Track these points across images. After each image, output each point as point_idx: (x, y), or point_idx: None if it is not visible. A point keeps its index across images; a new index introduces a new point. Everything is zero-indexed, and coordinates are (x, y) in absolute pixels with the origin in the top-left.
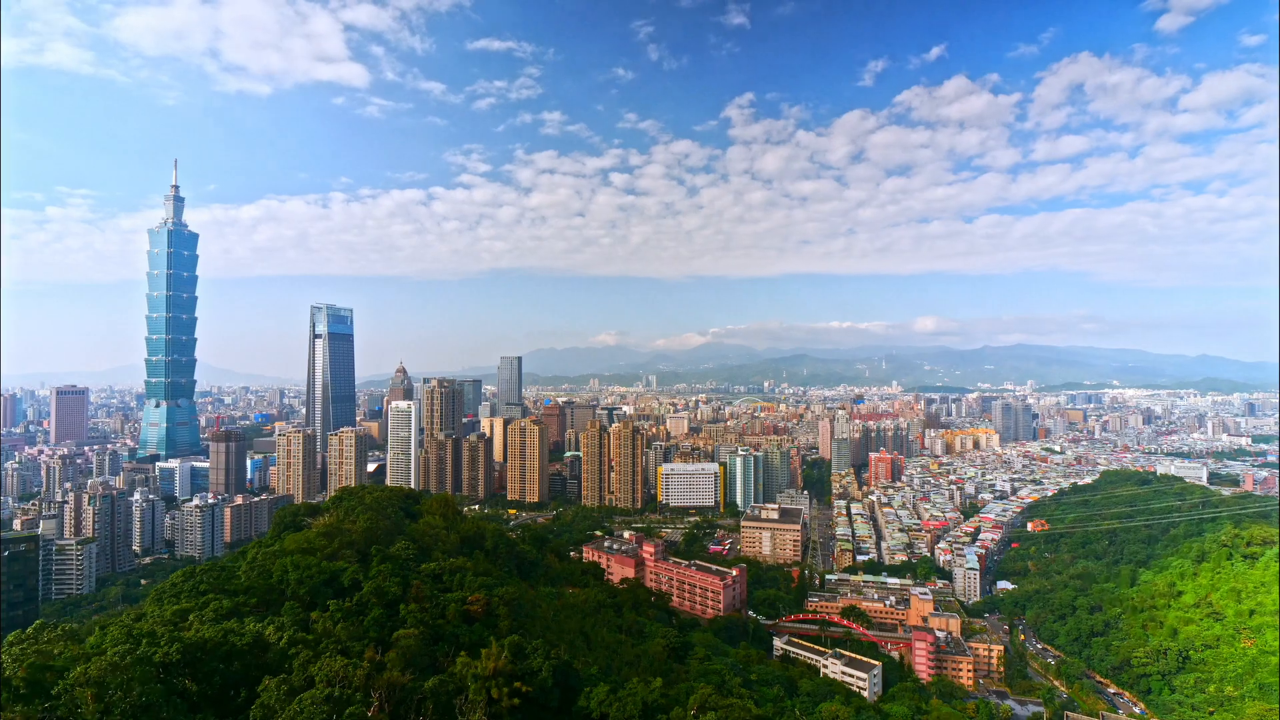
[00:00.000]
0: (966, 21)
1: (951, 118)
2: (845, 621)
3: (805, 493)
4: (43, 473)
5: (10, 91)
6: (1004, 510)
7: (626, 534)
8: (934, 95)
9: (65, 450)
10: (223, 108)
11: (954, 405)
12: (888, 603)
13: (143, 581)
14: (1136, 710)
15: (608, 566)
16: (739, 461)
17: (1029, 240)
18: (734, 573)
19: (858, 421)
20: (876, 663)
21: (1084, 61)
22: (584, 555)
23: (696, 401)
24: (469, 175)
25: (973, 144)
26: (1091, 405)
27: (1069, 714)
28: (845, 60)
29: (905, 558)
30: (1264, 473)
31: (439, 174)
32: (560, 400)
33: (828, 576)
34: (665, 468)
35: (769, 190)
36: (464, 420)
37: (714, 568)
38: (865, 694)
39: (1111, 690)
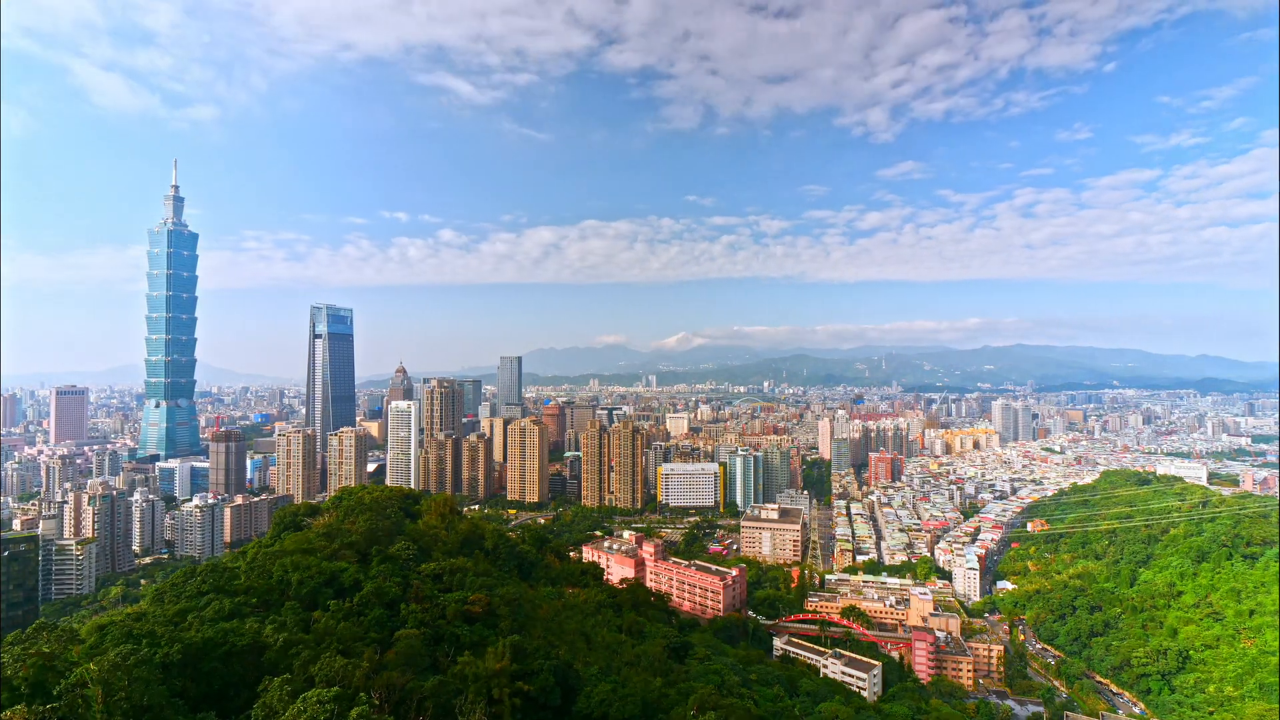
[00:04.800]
0: None
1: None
2: (845, 621)
3: (805, 493)
4: (43, 473)
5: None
6: (1004, 510)
7: (626, 534)
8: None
9: (65, 450)
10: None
11: (954, 405)
12: (888, 603)
13: (143, 581)
14: (1136, 710)
15: (608, 566)
16: (739, 461)
17: (1029, 242)
18: (734, 573)
19: (857, 421)
20: (876, 663)
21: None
22: (584, 555)
23: (696, 401)
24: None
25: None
26: (1091, 405)
27: (1069, 714)
28: None
29: (905, 558)
30: (1264, 473)
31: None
32: (560, 400)
33: (828, 576)
34: (665, 468)
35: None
36: (464, 420)
37: (714, 568)
38: (865, 694)
39: (1112, 690)
